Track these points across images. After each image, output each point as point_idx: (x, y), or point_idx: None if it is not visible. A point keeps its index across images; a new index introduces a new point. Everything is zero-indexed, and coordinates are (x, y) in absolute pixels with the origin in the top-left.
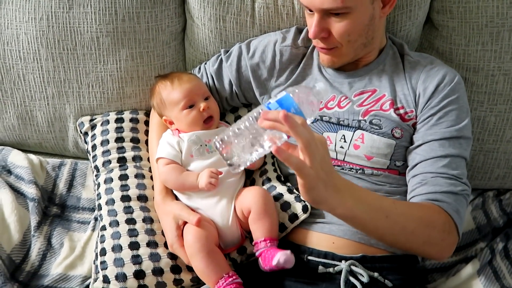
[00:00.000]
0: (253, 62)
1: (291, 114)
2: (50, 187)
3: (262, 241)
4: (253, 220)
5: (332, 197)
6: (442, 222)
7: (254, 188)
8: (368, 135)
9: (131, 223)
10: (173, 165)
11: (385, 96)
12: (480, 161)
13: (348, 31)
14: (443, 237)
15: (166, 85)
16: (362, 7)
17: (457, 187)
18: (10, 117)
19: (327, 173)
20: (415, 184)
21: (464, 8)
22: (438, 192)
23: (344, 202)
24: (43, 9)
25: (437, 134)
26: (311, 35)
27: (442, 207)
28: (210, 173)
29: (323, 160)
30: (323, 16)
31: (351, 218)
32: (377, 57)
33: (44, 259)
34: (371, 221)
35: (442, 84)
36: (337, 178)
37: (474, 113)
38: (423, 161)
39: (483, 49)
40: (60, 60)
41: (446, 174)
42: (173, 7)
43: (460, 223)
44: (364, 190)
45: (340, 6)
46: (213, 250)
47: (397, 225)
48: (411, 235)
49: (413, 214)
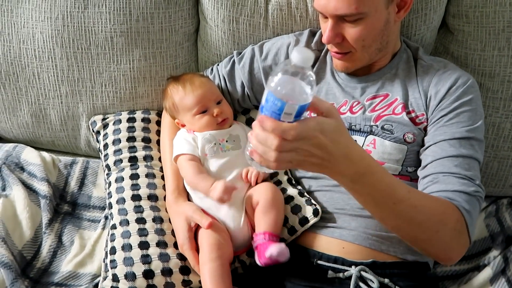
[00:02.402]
0: (266, 65)
1: (270, 125)
2: (62, 184)
3: (261, 233)
4: (258, 212)
5: (340, 162)
6: (454, 220)
7: (265, 183)
8: (379, 140)
9: (141, 222)
10: (194, 162)
11: (397, 100)
12: (495, 168)
13: (363, 36)
14: (452, 236)
15: (178, 89)
16: (377, 13)
17: (470, 188)
18: (24, 114)
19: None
20: (426, 183)
21: (480, 13)
22: (450, 191)
23: (350, 174)
24: (58, 8)
25: (447, 134)
26: (325, 40)
27: (455, 205)
28: (225, 188)
29: (333, 135)
30: (337, 22)
31: (353, 192)
32: (390, 61)
33: (55, 256)
34: (375, 204)
35: (454, 86)
36: (353, 149)
37: (489, 119)
38: (434, 161)
39: (500, 54)
40: (74, 59)
41: (458, 174)
42: (187, 8)
43: (471, 224)
44: (382, 172)
45: (354, 12)
46: (224, 265)
47: (404, 214)
48: (417, 227)
49: (426, 206)
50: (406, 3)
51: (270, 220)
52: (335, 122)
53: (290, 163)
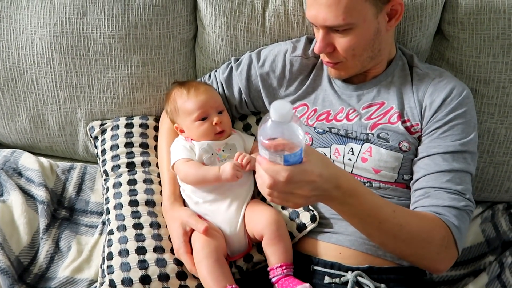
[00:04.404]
0: (263, 71)
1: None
2: (60, 190)
3: (279, 267)
4: (266, 245)
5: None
6: (441, 237)
7: (267, 210)
8: (375, 148)
9: (139, 228)
10: (193, 161)
11: (393, 108)
12: (490, 173)
13: (352, 46)
14: (439, 251)
15: (182, 93)
16: (366, 23)
17: (460, 202)
18: (23, 120)
19: (329, 180)
20: (418, 196)
21: (475, 20)
22: (440, 206)
23: (336, 197)
24: (57, 14)
25: (441, 147)
26: (316, 50)
27: (443, 221)
28: (234, 165)
29: (323, 169)
30: (327, 32)
31: (341, 213)
32: (386, 69)
33: (52, 261)
34: (361, 223)
35: (449, 97)
36: (340, 175)
37: (485, 125)
38: (427, 175)
39: (494, 61)
40: (72, 65)
41: (449, 189)
42: (185, 15)
43: (459, 238)
44: (368, 193)
45: (342, 23)
46: (220, 259)
47: (389, 233)
48: (403, 244)
49: (412, 225)
50: (397, 12)
51: (281, 251)
52: (318, 157)
53: (287, 202)
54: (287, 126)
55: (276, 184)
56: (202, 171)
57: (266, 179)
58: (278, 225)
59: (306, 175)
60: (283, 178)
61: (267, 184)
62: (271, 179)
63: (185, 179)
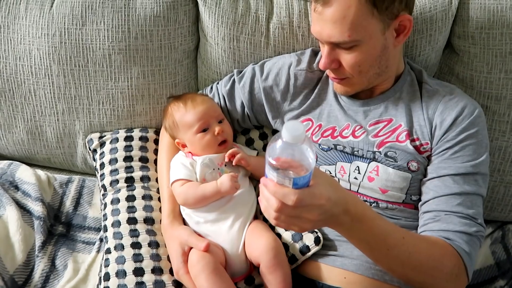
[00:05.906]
0: (267, 85)
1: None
2: (57, 204)
3: None
4: (264, 273)
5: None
6: (452, 265)
7: (264, 236)
8: (383, 167)
9: (137, 247)
10: (190, 182)
11: (401, 126)
12: (501, 192)
13: (359, 62)
14: (449, 279)
15: (179, 107)
16: (372, 39)
17: (471, 228)
18: (20, 131)
19: (337, 204)
20: (427, 219)
21: (487, 34)
22: (451, 231)
23: (344, 223)
24: (56, 25)
25: (452, 169)
26: (321, 66)
27: (454, 247)
28: (231, 177)
29: (331, 196)
30: (332, 48)
31: (349, 238)
32: (394, 85)
33: (47, 281)
34: (369, 248)
35: (460, 116)
36: (349, 199)
37: (496, 143)
38: (437, 197)
39: (507, 77)
40: (71, 77)
41: (460, 213)
42: (187, 26)
43: (470, 265)
44: (377, 218)
45: (347, 40)
46: (218, 268)
47: (397, 259)
48: (411, 271)
49: (422, 253)
50: (405, 27)
51: (279, 279)
52: (326, 180)
53: (293, 226)
54: (298, 148)
55: (284, 208)
56: (201, 189)
57: (273, 202)
58: (275, 252)
59: (315, 199)
60: (292, 202)
61: (274, 207)
62: (279, 202)
63: (185, 202)
